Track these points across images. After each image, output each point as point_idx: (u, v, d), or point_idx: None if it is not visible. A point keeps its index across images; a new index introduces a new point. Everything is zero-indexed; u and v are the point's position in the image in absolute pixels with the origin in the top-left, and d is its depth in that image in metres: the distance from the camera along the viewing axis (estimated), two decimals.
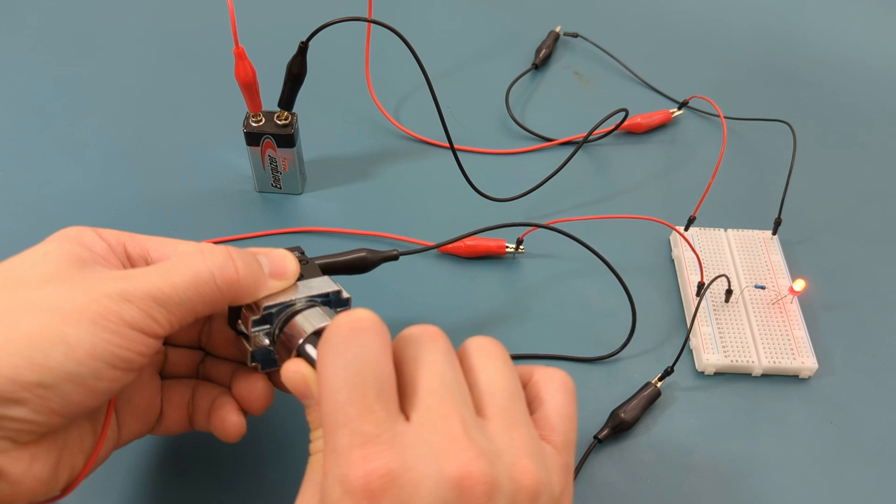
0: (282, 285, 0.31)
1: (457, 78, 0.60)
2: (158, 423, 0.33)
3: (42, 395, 0.24)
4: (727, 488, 0.38)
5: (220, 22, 0.49)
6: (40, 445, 0.26)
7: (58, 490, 0.28)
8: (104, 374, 0.26)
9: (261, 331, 0.31)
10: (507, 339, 0.43)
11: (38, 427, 0.25)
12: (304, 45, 0.44)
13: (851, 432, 0.40)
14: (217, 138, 0.53)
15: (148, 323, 0.26)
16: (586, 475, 0.38)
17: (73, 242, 0.28)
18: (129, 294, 0.26)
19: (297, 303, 0.31)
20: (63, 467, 0.27)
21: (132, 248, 0.30)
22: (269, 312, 0.30)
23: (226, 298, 0.29)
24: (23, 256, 0.27)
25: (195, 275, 0.27)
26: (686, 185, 0.52)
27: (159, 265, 0.28)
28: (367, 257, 0.38)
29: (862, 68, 0.63)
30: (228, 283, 0.28)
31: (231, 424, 0.32)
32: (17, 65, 0.59)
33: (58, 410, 0.25)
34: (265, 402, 0.33)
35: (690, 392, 0.42)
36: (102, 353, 0.25)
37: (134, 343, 0.26)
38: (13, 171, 0.51)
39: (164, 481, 0.37)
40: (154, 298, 0.26)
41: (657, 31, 0.66)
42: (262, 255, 0.30)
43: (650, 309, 0.45)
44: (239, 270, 0.29)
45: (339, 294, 0.32)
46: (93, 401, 0.26)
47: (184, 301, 0.27)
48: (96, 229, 0.29)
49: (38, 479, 0.26)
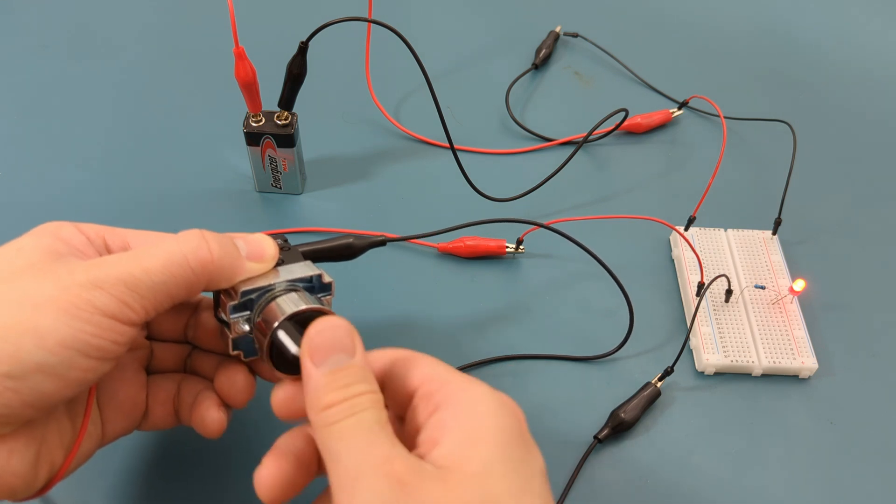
0: (260, 269, 0.30)
1: (457, 78, 0.60)
2: (144, 418, 0.33)
3: (12, 386, 0.24)
4: (727, 488, 0.38)
5: (220, 22, 0.49)
6: (17, 439, 0.26)
7: (38, 486, 0.28)
8: (77, 364, 0.25)
9: (240, 317, 0.30)
10: (507, 339, 0.43)
11: (12, 420, 0.25)
12: (304, 45, 0.44)
13: (851, 432, 0.40)
14: (217, 138, 0.53)
15: (121, 309, 0.26)
16: (586, 475, 0.38)
17: (50, 236, 0.28)
18: (99, 281, 0.25)
19: (276, 287, 0.30)
20: (42, 463, 0.27)
21: (112, 241, 0.30)
22: (248, 298, 0.30)
23: (201, 281, 0.28)
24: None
25: (167, 257, 0.27)
26: (686, 185, 0.52)
27: (132, 251, 0.27)
28: (354, 243, 0.38)
29: (862, 69, 0.63)
30: (202, 265, 0.28)
31: (211, 421, 0.32)
32: (18, 65, 0.59)
33: (30, 402, 0.25)
34: (246, 395, 0.32)
35: (690, 392, 0.42)
36: (74, 341, 0.25)
37: (107, 331, 0.26)
38: (13, 171, 0.51)
39: (155, 479, 0.37)
40: (126, 284, 0.26)
41: (657, 31, 0.66)
42: (239, 239, 0.30)
43: (650, 309, 0.45)
44: (213, 252, 0.28)
45: (320, 278, 0.31)
46: (67, 391, 0.26)
47: (157, 285, 0.27)
48: (76, 223, 0.29)
49: (15, 473, 0.26)
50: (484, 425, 0.25)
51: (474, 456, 0.24)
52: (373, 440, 0.24)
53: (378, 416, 0.24)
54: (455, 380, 0.26)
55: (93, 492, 0.36)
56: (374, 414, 0.24)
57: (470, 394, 0.26)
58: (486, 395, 0.26)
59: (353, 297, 0.44)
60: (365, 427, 0.24)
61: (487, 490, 0.23)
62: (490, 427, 0.25)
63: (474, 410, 0.25)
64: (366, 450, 0.23)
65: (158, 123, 0.55)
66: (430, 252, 0.47)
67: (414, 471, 0.23)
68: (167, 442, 0.38)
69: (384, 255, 0.47)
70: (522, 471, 0.24)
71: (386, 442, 0.24)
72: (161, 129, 0.54)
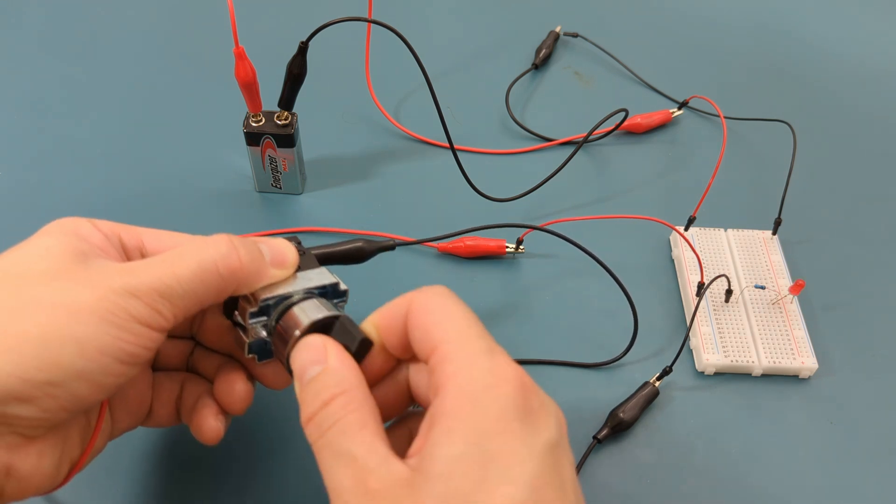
0: (282, 274, 0.30)
1: (457, 78, 0.60)
2: (148, 416, 0.33)
3: (51, 392, 0.24)
4: (727, 488, 0.38)
5: (220, 22, 0.49)
6: (46, 441, 0.26)
7: (59, 481, 0.28)
8: (112, 370, 0.26)
9: (258, 322, 0.30)
10: (507, 340, 0.43)
11: (46, 423, 0.26)
12: (304, 45, 0.44)
13: (851, 432, 0.40)
14: (217, 138, 0.53)
15: (154, 317, 0.26)
16: (586, 475, 0.38)
17: (72, 235, 0.28)
18: (134, 289, 0.26)
19: (294, 295, 0.30)
20: (64, 460, 0.28)
21: (127, 238, 0.30)
22: (266, 304, 0.30)
23: (229, 287, 0.28)
24: (22, 251, 0.27)
25: (199, 265, 0.27)
26: (686, 185, 0.52)
27: (162, 256, 0.28)
28: (364, 247, 0.38)
29: (862, 68, 0.62)
30: (232, 272, 0.28)
31: (208, 429, 0.32)
32: (18, 65, 0.59)
33: (66, 406, 0.25)
34: (244, 402, 0.32)
35: (690, 392, 0.42)
36: (111, 348, 0.25)
37: (140, 338, 0.26)
38: (13, 171, 0.51)
39: (162, 475, 0.37)
40: (159, 292, 0.26)
41: (657, 31, 0.66)
42: (262, 244, 0.30)
43: (650, 309, 0.45)
44: (242, 259, 0.28)
45: (336, 286, 0.32)
46: (99, 395, 0.26)
47: (188, 293, 0.27)
48: (91, 220, 0.29)
49: (44, 473, 0.27)
50: (460, 416, 0.24)
51: (440, 455, 0.23)
52: (343, 461, 0.24)
53: (348, 422, 0.25)
54: (453, 356, 0.25)
55: (100, 492, 0.36)
56: (344, 425, 0.25)
57: (460, 379, 0.25)
58: (475, 377, 0.25)
59: (353, 296, 0.44)
60: (334, 449, 0.25)
61: (451, 490, 0.23)
62: (466, 417, 0.24)
63: (457, 400, 0.24)
64: (341, 472, 0.24)
65: (158, 123, 0.55)
66: (430, 252, 0.47)
67: (384, 482, 0.23)
68: (172, 444, 0.38)
69: (384, 255, 0.47)
70: (502, 459, 0.23)
71: (357, 458, 0.24)
72: (161, 129, 0.54)
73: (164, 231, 0.31)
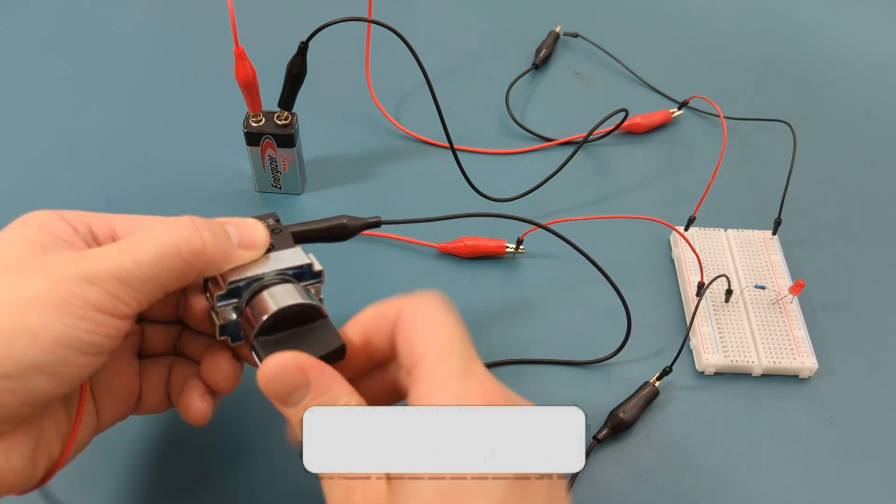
0: (251, 256, 0.30)
1: (457, 78, 0.60)
2: (138, 404, 0.32)
3: (7, 386, 0.24)
4: (727, 488, 0.38)
5: (220, 22, 0.49)
6: (14, 437, 0.26)
7: (37, 479, 0.27)
8: (72, 361, 0.25)
9: (227, 305, 0.30)
10: (507, 339, 0.43)
11: (8, 419, 0.25)
12: (304, 45, 0.44)
13: (851, 432, 0.40)
14: (217, 138, 0.53)
15: (114, 304, 0.25)
16: (586, 475, 0.38)
17: (35, 228, 0.27)
18: (91, 276, 0.25)
19: (265, 277, 0.29)
20: (41, 456, 0.27)
21: (98, 227, 0.29)
22: (235, 286, 0.29)
23: (194, 271, 0.28)
24: None
25: (159, 249, 0.26)
26: (686, 185, 0.52)
27: (122, 242, 0.27)
28: (347, 224, 0.36)
29: (862, 68, 0.63)
30: (195, 255, 0.27)
31: (195, 410, 0.31)
32: (18, 64, 0.59)
33: (26, 401, 0.25)
34: (231, 381, 0.32)
35: (690, 392, 0.42)
36: (68, 339, 0.24)
37: (101, 326, 0.25)
38: (13, 171, 0.51)
39: (151, 470, 0.37)
40: (117, 278, 0.25)
41: (657, 31, 0.66)
42: (229, 225, 0.29)
43: (650, 309, 0.45)
44: (206, 241, 0.28)
45: (310, 267, 0.31)
46: (62, 388, 0.25)
47: (150, 278, 0.26)
48: (59, 212, 0.28)
49: (14, 470, 0.26)
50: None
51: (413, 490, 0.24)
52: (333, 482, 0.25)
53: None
54: (427, 376, 0.25)
55: (88, 490, 0.36)
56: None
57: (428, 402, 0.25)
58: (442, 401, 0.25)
59: (353, 296, 0.44)
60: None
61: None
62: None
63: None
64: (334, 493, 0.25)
65: (158, 123, 0.55)
66: (430, 252, 0.47)
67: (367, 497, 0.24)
68: (166, 440, 0.38)
69: (384, 255, 0.47)
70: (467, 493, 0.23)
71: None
72: (161, 129, 0.54)
73: (133, 216, 0.30)
